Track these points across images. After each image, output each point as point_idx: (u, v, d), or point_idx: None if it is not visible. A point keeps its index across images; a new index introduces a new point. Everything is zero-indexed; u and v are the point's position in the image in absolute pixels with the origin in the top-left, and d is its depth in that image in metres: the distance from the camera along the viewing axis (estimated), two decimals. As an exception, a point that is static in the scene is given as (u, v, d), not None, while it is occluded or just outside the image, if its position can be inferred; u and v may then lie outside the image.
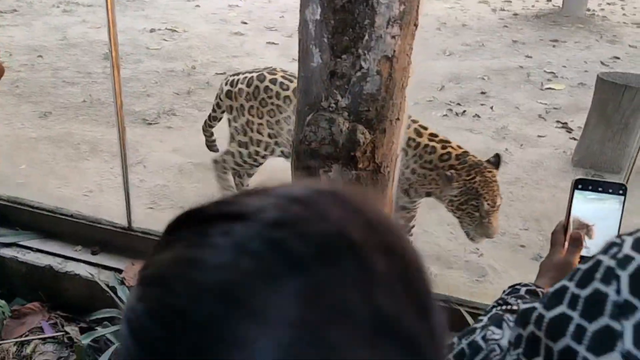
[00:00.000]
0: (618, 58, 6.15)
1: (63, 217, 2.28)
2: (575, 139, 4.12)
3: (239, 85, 2.78)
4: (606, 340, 0.47)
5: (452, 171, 2.30)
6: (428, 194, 2.50)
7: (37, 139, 3.73)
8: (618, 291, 0.47)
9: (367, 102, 1.49)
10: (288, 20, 7.21)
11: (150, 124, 4.14)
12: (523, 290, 0.81)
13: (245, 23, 6.98)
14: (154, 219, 3.10)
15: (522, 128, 4.41)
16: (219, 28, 6.69)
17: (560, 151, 4.06)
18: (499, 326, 0.65)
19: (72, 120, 4.05)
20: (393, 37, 1.44)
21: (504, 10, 8.27)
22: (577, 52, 6.39)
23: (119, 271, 2.15)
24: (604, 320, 0.48)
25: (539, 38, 6.90)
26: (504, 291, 0.84)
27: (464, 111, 4.61)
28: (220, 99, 2.91)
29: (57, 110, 4.19)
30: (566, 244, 0.86)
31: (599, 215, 0.83)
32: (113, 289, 2.06)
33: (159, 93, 4.71)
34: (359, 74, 1.46)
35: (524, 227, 3.12)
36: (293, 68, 5.72)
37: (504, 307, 0.74)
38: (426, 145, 2.39)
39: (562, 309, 0.52)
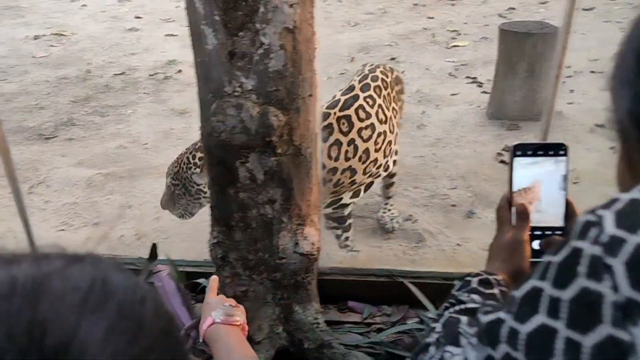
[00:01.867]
0: (514, 8, 6.34)
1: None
2: (486, 92, 4.20)
3: None
4: (612, 355, 0.35)
5: None
6: None
7: None
8: (615, 288, 0.35)
9: (275, 80, 1.36)
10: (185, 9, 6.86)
11: (48, 138, 3.79)
12: (475, 281, 0.70)
13: (140, 17, 6.59)
14: (67, 241, 2.84)
15: (435, 89, 4.44)
16: (110, 26, 6.27)
17: (474, 106, 4.12)
18: (456, 343, 0.53)
19: (-43, 147, 3.63)
20: (291, 5, 1.31)
21: (400, -25, 8.32)
22: (475, 7, 6.54)
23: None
24: (604, 330, 0.36)
25: (437, -1, 7.00)
26: (454, 286, 0.72)
27: (377, 79, 4.57)
28: None
29: (-63, 138, 3.74)
30: (513, 218, 0.76)
31: (543, 179, 0.76)
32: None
33: (54, 104, 4.33)
34: (260, 50, 1.32)
35: (452, 187, 3.13)
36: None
37: (457, 308, 0.63)
38: None
39: (540, 319, 0.39)
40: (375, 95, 2.33)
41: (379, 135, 2.31)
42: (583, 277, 0.37)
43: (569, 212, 0.74)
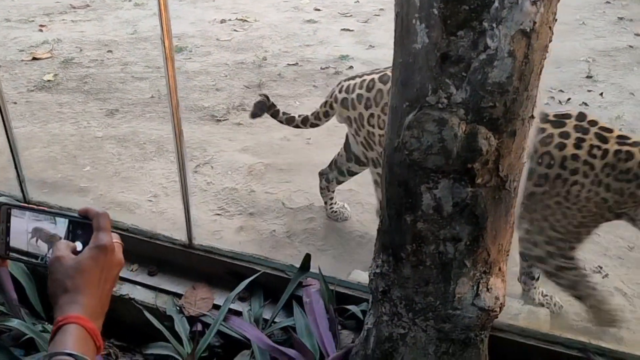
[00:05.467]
0: None
1: (118, 231, 2.01)
2: None
3: (357, 91, 2.41)
4: None
5: None
6: (618, 216, 1.96)
7: (103, 138, 3.55)
8: None
9: (493, 94, 1.07)
10: (363, 5, 6.77)
11: (219, 120, 3.87)
12: None
13: (319, 10, 6.62)
14: (220, 226, 2.82)
15: (640, 117, 3.78)
16: (290, 16, 6.37)
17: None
18: None
19: (139, 118, 3.85)
20: (534, 3, 1.01)
21: (604, -16, 7.40)
22: None
23: (179, 296, 1.86)
24: None
25: (648, 13, 6.07)
26: None
27: (569, 99, 4.02)
28: (330, 107, 2.58)
29: (125, 107, 4.01)
30: None
31: None
32: (170, 318, 1.77)
33: (229, 87, 4.45)
34: (482, 56, 1.04)
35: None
36: (370, 56, 5.24)
37: None
38: (618, 151, 1.87)
39: None
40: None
41: None
42: None
43: None
